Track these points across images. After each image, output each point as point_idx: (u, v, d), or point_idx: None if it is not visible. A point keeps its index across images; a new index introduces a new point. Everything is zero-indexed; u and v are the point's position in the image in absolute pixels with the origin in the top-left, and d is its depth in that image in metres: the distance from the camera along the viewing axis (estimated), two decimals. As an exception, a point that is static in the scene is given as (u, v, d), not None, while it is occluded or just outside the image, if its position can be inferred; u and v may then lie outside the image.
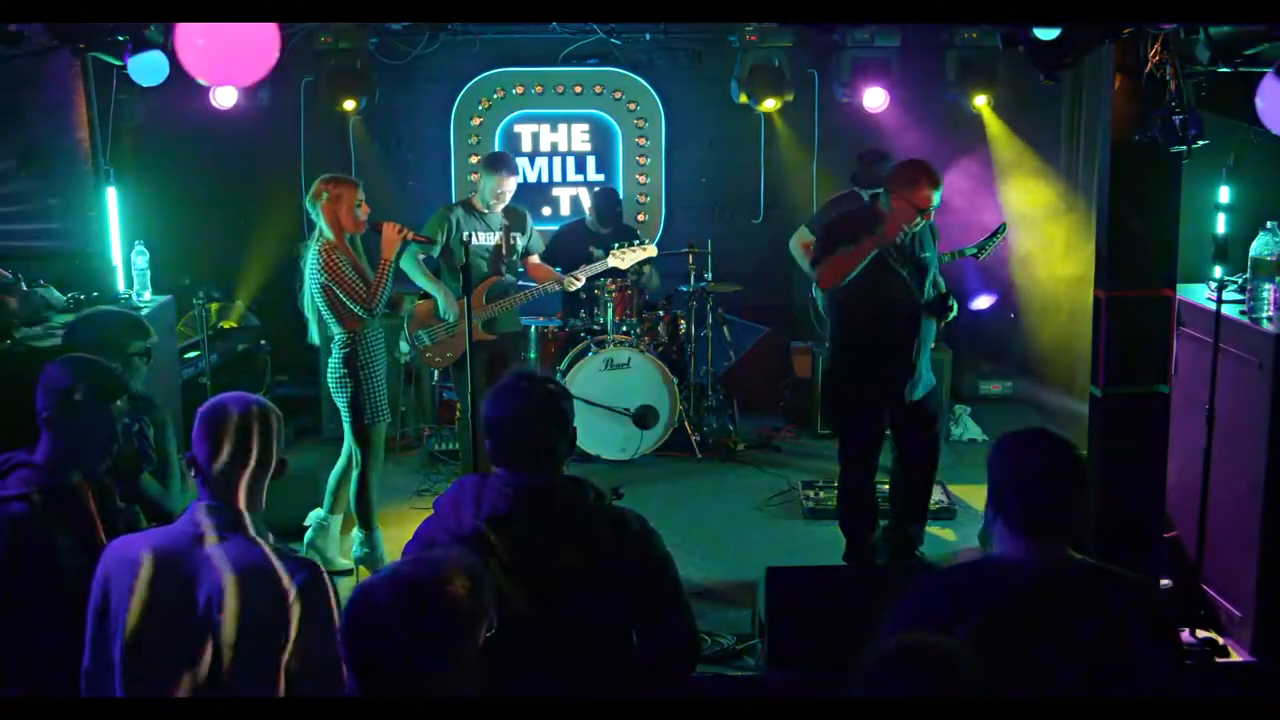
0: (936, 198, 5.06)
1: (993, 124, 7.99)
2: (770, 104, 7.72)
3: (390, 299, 5.37)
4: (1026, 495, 2.52)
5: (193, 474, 2.70)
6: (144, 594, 2.60)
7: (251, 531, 2.66)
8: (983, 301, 7.73)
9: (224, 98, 7.04)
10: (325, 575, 2.59)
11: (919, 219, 5.03)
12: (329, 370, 5.34)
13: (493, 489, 2.71)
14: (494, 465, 2.77)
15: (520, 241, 6.35)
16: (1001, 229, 6.32)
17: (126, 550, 2.67)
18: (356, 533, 5.48)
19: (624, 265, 6.67)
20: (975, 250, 6.30)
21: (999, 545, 2.57)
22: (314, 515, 5.55)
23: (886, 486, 5.63)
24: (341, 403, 5.30)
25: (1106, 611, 2.46)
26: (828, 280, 5.23)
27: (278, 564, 2.58)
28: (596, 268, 6.63)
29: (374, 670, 2.03)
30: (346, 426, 5.36)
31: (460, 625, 2.07)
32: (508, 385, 2.80)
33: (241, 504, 2.68)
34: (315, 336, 5.44)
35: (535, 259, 6.50)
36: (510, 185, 6.19)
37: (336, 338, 5.27)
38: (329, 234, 5.17)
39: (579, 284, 6.54)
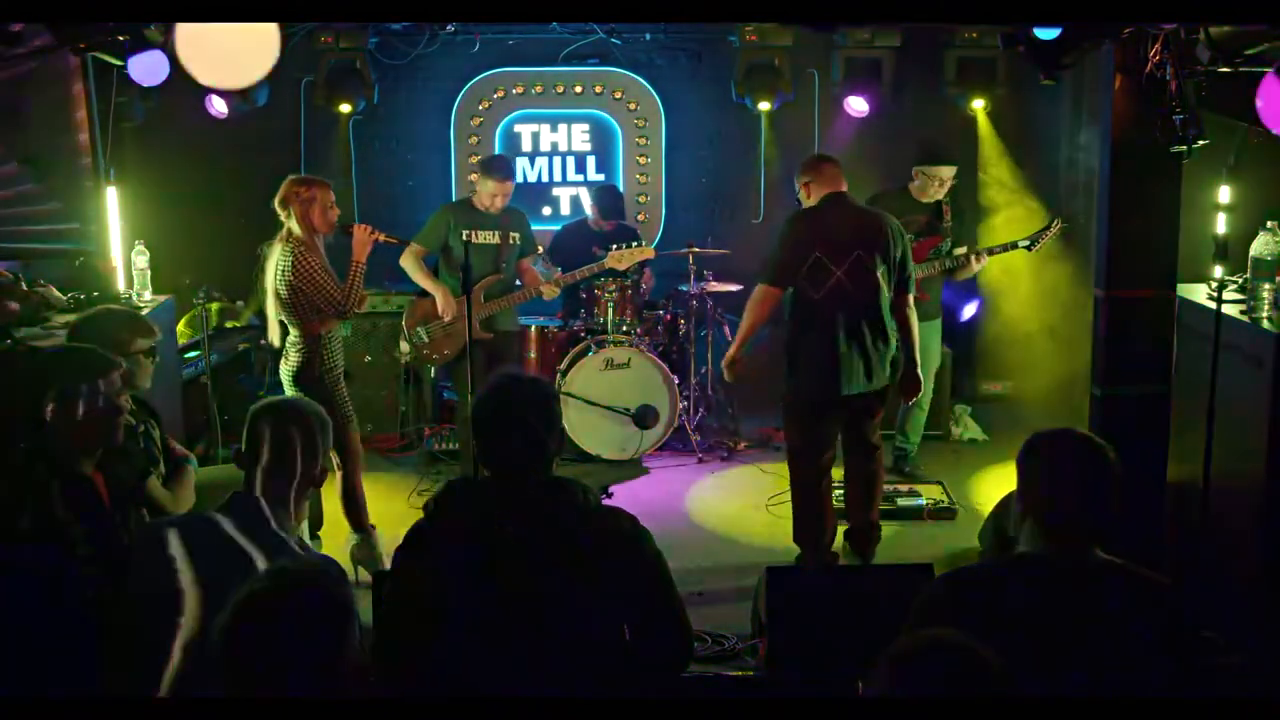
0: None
1: (984, 127, 7.98)
2: (769, 104, 7.71)
3: (358, 300, 5.30)
4: (1055, 495, 2.52)
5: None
6: (170, 570, 2.61)
7: (288, 531, 2.69)
8: (969, 310, 7.78)
9: (219, 105, 7.04)
10: (347, 578, 2.59)
11: None
12: (291, 374, 5.24)
13: (481, 491, 2.71)
14: (482, 466, 2.77)
15: (518, 242, 6.36)
16: (1053, 223, 6.39)
17: (158, 529, 2.72)
18: (351, 536, 5.47)
19: (621, 266, 6.67)
20: (1027, 243, 6.39)
21: (1026, 544, 2.56)
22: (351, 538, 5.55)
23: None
24: None
25: (1129, 613, 2.46)
26: None
27: (296, 549, 2.61)
28: (591, 269, 6.63)
29: (252, 672, 2.04)
30: None
31: (332, 627, 2.08)
32: (494, 386, 2.79)
33: (282, 505, 2.71)
34: (276, 337, 5.38)
35: (528, 262, 6.51)
36: (507, 189, 6.22)
37: (297, 342, 5.22)
38: (299, 234, 5.14)
39: (556, 292, 6.55)
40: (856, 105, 7.60)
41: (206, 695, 2.55)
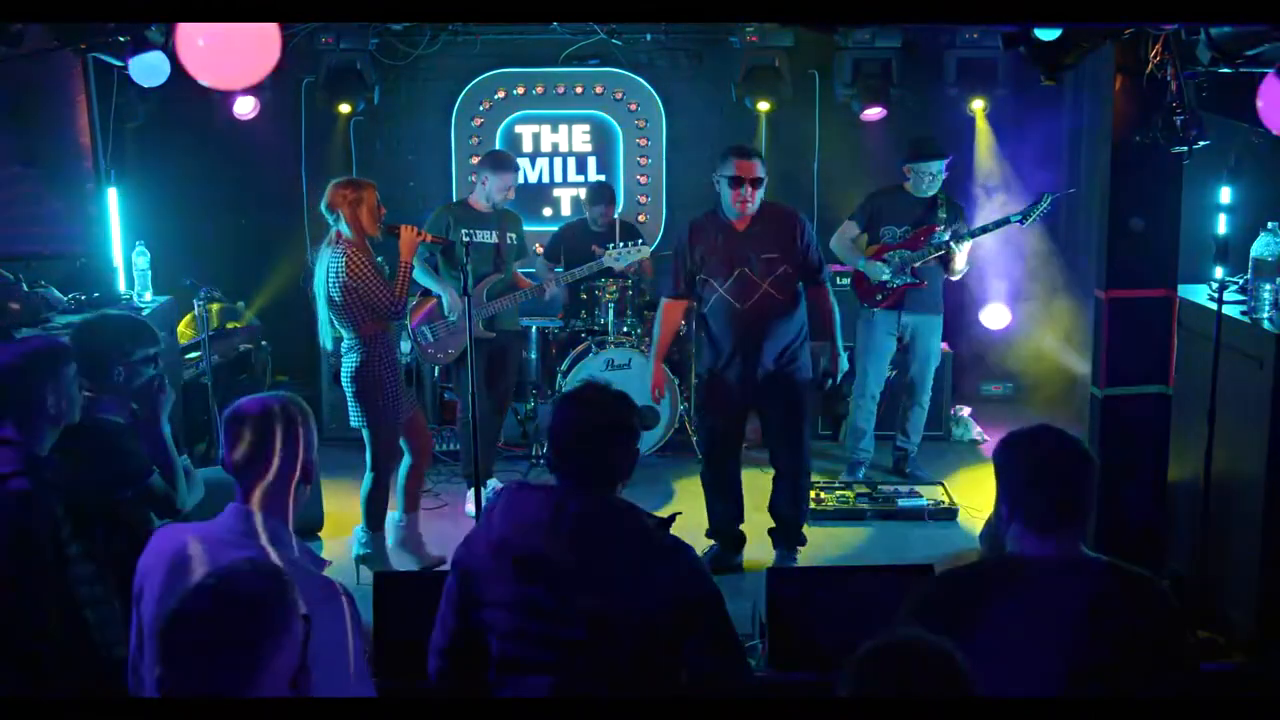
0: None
1: (982, 132, 7.98)
2: (769, 104, 7.71)
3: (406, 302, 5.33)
4: (1043, 493, 2.51)
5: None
6: (174, 581, 2.61)
7: (284, 538, 2.67)
8: (998, 316, 7.81)
9: (242, 107, 7.04)
10: (342, 597, 2.55)
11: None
12: (350, 374, 5.23)
13: (536, 500, 2.69)
14: (552, 474, 2.75)
15: (514, 241, 6.38)
16: (1045, 197, 6.41)
17: (169, 538, 2.71)
18: (359, 532, 5.47)
19: (619, 266, 6.67)
20: (1019, 218, 6.40)
21: (1014, 545, 2.56)
22: (390, 519, 5.59)
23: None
24: (360, 406, 5.24)
25: (1123, 608, 2.46)
26: None
27: (293, 577, 2.56)
28: (589, 269, 6.64)
29: (184, 666, 2.09)
30: (365, 431, 5.30)
31: (266, 628, 2.12)
32: (578, 395, 2.80)
33: (272, 507, 2.69)
34: (328, 341, 5.39)
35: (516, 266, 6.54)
36: (515, 181, 6.26)
37: (352, 342, 5.21)
38: (350, 236, 5.15)
39: (552, 289, 6.55)
40: (871, 114, 7.62)
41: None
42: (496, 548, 2.68)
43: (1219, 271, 4.98)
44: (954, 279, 6.60)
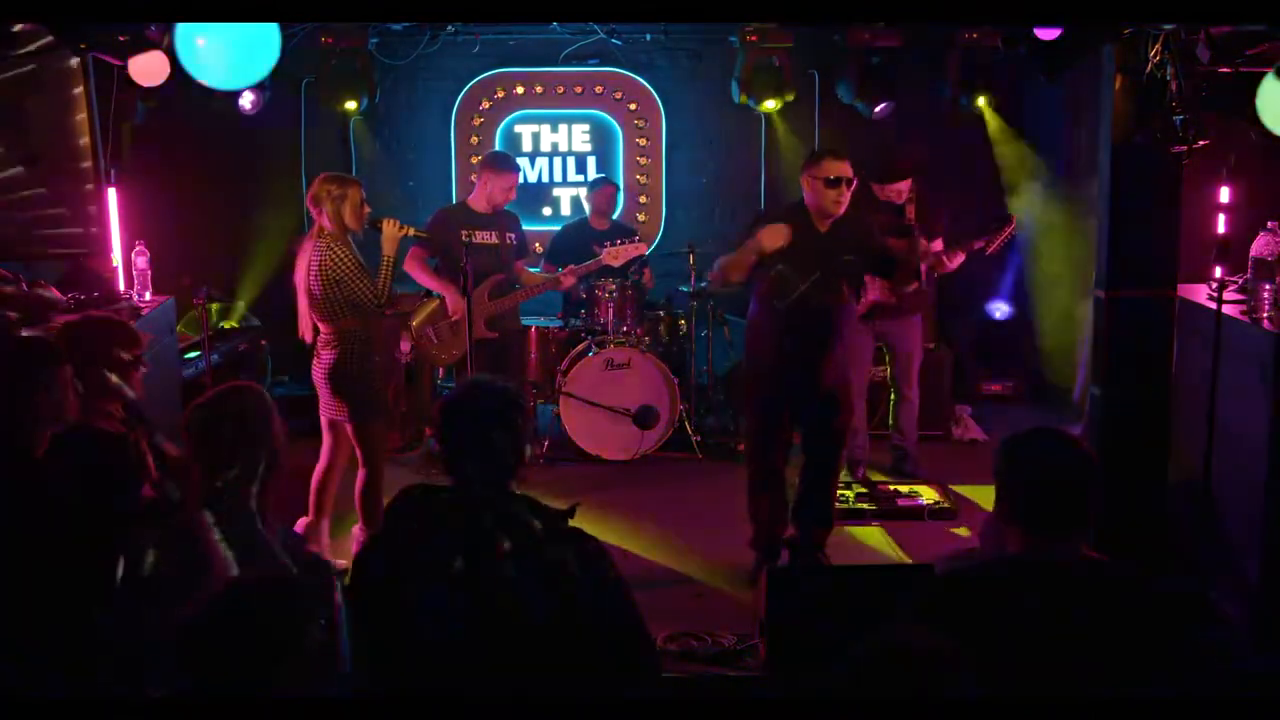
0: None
1: (994, 125, 8.00)
2: (770, 104, 7.72)
3: (390, 296, 5.33)
4: (1044, 495, 2.51)
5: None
6: (156, 564, 2.63)
7: (255, 523, 2.70)
8: (1000, 310, 7.81)
9: (244, 100, 7.03)
10: (330, 571, 2.59)
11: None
12: (325, 372, 5.22)
13: (437, 502, 2.68)
14: (448, 475, 2.73)
15: (514, 241, 6.38)
16: (1007, 221, 6.35)
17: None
18: (358, 533, 5.46)
19: (616, 263, 6.68)
20: (982, 244, 6.32)
21: (1015, 546, 2.56)
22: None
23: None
24: (342, 403, 5.24)
25: (1124, 610, 2.47)
26: None
27: (277, 551, 2.61)
28: (587, 266, 6.65)
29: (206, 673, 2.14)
30: (350, 428, 5.29)
31: (284, 637, 2.18)
32: (458, 396, 2.78)
33: (245, 497, 2.71)
34: (309, 335, 5.38)
35: (521, 263, 6.53)
36: (516, 182, 6.27)
37: (331, 336, 5.20)
38: (331, 231, 5.15)
39: (572, 282, 6.55)
40: (881, 110, 7.61)
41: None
42: (402, 553, 2.65)
43: (1219, 271, 4.99)
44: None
